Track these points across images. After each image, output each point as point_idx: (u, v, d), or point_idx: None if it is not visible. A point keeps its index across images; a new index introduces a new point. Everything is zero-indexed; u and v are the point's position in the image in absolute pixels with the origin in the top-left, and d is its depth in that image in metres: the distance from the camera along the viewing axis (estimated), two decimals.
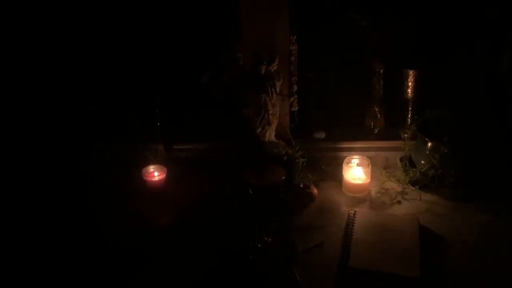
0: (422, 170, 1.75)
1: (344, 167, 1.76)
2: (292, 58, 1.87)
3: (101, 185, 1.83)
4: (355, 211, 1.62)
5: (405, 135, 1.83)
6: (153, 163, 1.81)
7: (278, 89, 1.78)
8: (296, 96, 1.92)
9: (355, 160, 1.77)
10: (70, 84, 1.98)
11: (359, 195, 1.74)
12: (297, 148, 1.83)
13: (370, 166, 1.75)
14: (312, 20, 1.90)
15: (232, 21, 1.79)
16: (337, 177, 1.81)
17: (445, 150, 1.69)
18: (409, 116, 1.97)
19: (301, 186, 1.73)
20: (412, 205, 1.70)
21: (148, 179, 1.77)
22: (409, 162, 1.83)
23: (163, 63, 1.94)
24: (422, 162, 1.76)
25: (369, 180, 1.76)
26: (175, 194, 1.77)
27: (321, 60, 1.96)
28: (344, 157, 1.79)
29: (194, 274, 1.43)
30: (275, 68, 1.75)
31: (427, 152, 1.74)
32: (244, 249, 1.46)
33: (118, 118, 1.98)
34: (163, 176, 1.78)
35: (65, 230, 1.62)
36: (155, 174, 1.79)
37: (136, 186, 1.78)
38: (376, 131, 2.01)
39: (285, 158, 1.79)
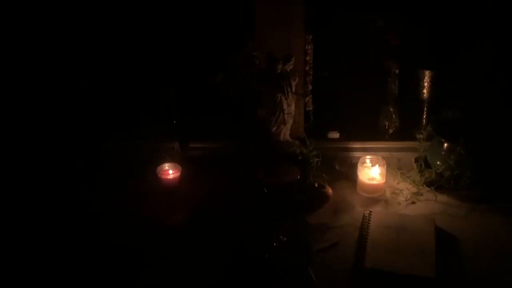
0: (438, 171, 1.75)
1: (359, 167, 1.76)
2: (308, 58, 1.87)
3: (116, 183, 1.84)
4: (370, 212, 1.62)
5: (420, 135, 1.82)
6: (168, 161, 1.81)
7: (293, 89, 1.77)
8: (311, 95, 1.92)
9: (370, 160, 1.77)
10: (87, 82, 1.99)
11: (374, 196, 1.74)
12: (312, 147, 1.82)
13: (385, 166, 1.75)
14: (327, 20, 1.89)
15: (247, 20, 1.79)
16: (352, 177, 1.81)
17: (461, 151, 1.68)
18: (424, 116, 1.97)
19: (316, 185, 1.73)
20: (427, 206, 1.69)
21: (163, 177, 1.78)
22: (424, 163, 1.82)
23: (179, 62, 1.94)
24: (438, 163, 1.75)
25: (384, 181, 1.75)
26: (189, 192, 1.78)
27: (337, 60, 1.95)
28: (359, 157, 1.79)
29: (208, 272, 1.43)
30: (290, 67, 1.75)
31: (443, 153, 1.73)
32: (260, 248, 1.46)
33: (134, 116, 1.99)
34: (177, 174, 1.79)
35: (79, 228, 1.62)
36: (169, 172, 1.79)
37: (151, 184, 1.78)
38: (391, 132, 2.00)
39: (300, 157, 1.79)
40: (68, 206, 1.72)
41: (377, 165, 1.76)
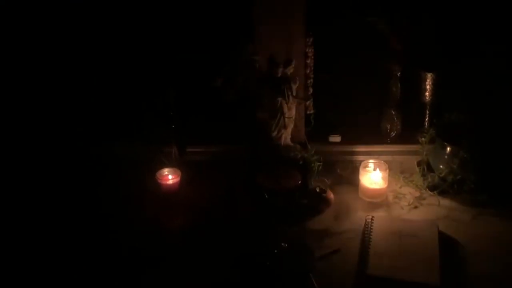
0: (441, 175, 1.72)
1: (361, 171, 1.73)
2: (308, 61, 1.85)
3: (115, 187, 1.82)
4: (373, 217, 1.60)
5: (423, 139, 1.80)
6: (167, 166, 1.80)
7: (294, 92, 1.76)
8: (312, 99, 1.90)
9: (372, 164, 1.75)
10: (85, 85, 1.98)
11: (376, 200, 1.72)
12: (313, 151, 1.80)
13: (387, 170, 1.73)
14: (328, 22, 1.88)
15: (247, 23, 1.77)
16: (354, 181, 1.79)
17: (465, 155, 1.66)
18: (427, 119, 1.94)
19: (317, 190, 1.71)
20: (430, 211, 1.67)
21: (162, 182, 1.76)
22: (427, 167, 1.80)
23: (178, 65, 1.92)
24: (441, 167, 1.73)
25: (386, 185, 1.73)
26: (189, 197, 1.76)
27: (338, 63, 1.93)
28: (360, 161, 1.77)
29: (207, 278, 1.41)
30: (291, 70, 1.73)
31: (446, 156, 1.71)
32: (261, 254, 1.44)
33: (132, 120, 1.97)
34: (177, 179, 1.77)
35: (78, 232, 1.61)
36: (169, 177, 1.77)
37: (150, 189, 1.77)
38: (393, 135, 1.98)
39: (301, 162, 1.77)
40: (66, 209, 1.71)
41: (379, 169, 1.74)
